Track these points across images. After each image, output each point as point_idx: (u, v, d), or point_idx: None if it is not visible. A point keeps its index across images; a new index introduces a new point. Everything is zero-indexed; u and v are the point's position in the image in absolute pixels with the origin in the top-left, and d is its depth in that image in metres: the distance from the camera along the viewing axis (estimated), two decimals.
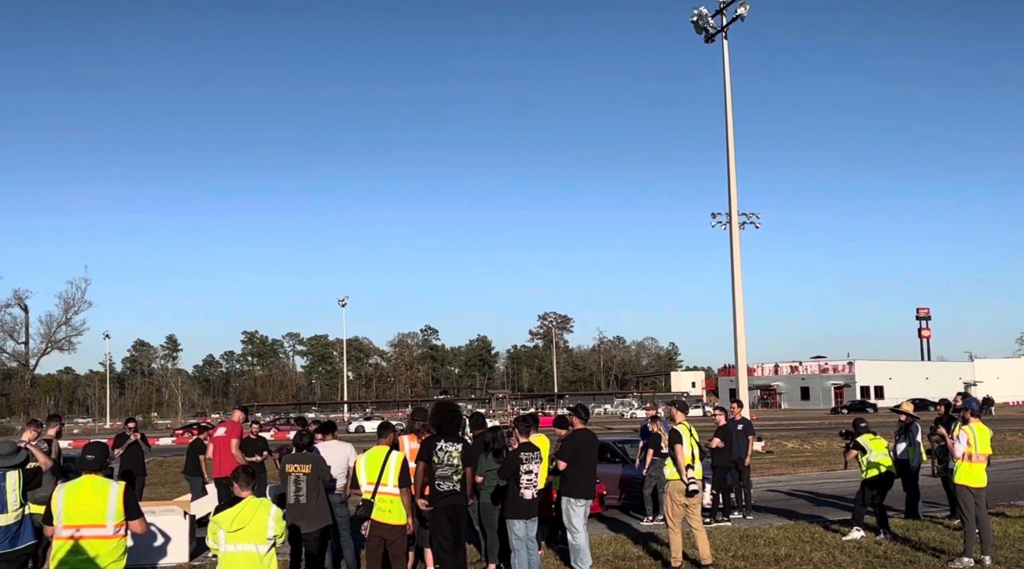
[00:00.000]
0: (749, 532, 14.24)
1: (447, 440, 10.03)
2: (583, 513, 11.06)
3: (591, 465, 11.17)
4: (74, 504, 7.32)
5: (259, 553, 7.52)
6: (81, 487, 7.41)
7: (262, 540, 7.53)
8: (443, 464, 9.87)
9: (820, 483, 23.02)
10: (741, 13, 37.54)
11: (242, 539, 7.51)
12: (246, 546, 7.51)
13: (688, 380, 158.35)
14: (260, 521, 7.56)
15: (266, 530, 7.55)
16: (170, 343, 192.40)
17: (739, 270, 38.76)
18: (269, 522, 7.58)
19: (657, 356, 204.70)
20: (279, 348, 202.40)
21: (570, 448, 11.00)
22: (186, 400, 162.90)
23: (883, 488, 14.05)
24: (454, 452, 9.95)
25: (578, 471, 11.02)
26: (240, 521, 7.54)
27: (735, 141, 38.95)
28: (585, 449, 11.08)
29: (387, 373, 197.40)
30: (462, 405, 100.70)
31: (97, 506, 7.33)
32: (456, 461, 9.93)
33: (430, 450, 9.96)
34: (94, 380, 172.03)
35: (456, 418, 10.34)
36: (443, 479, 9.86)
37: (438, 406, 10.69)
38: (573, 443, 11.06)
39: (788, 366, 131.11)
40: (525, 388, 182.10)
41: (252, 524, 7.53)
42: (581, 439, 11.18)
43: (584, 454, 11.04)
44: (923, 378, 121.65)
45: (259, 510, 7.62)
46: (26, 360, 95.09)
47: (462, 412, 10.86)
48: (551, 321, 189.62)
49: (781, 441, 38.51)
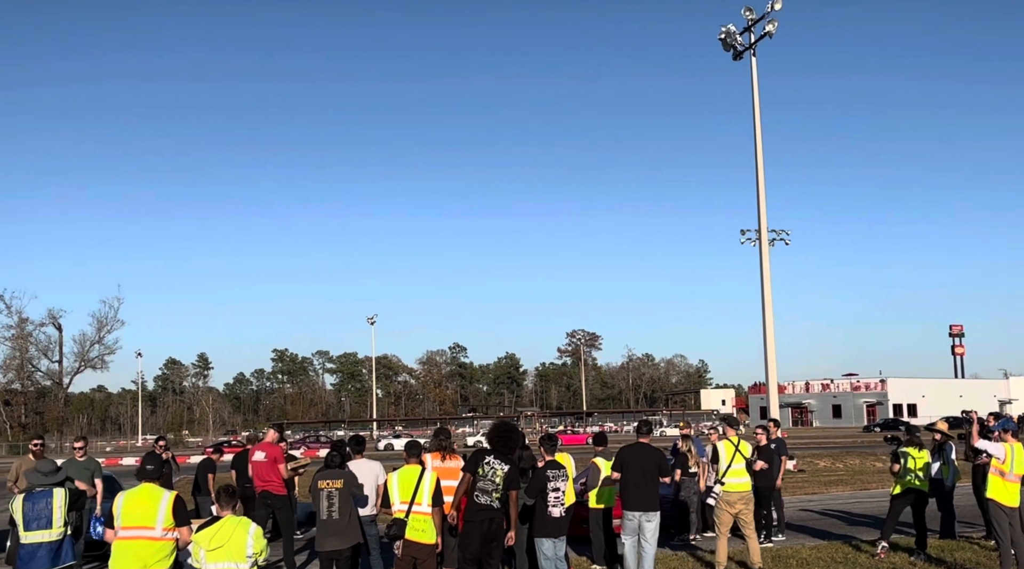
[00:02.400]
0: (781, 552, 14.11)
1: (497, 458, 10.01)
2: (632, 526, 11.31)
3: (645, 479, 11.35)
4: (130, 508, 7.96)
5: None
6: (138, 494, 8.08)
7: (242, 558, 7.75)
8: (486, 478, 9.85)
9: (853, 502, 22.75)
10: (769, 31, 37.45)
11: (221, 557, 7.72)
12: (225, 564, 7.71)
13: (718, 398, 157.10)
14: (239, 539, 7.78)
15: (245, 548, 7.76)
16: (201, 361, 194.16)
17: (769, 287, 38.56)
18: (248, 540, 7.79)
19: (686, 373, 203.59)
20: (309, 366, 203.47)
21: (619, 462, 11.43)
22: (217, 418, 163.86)
23: (916, 506, 13.85)
24: (499, 470, 9.89)
25: (627, 484, 11.34)
26: (219, 540, 7.76)
27: (764, 157, 38.80)
28: (636, 463, 11.39)
29: (416, 391, 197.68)
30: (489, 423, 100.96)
31: (149, 511, 7.94)
32: (499, 480, 9.86)
33: (477, 462, 9.97)
34: (126, 398, 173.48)
35: (509, 439, 10.26)
36: (482, 493, 9.83)
37: (495, 425, 10.74)
38: (625, 456, 11.43)
39: (819, 383, 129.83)
40: (553, 406, 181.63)
41: (231, 542, 7.75)
42: (634, 453, 11.49)
43: (635, 468, 11.35)
44: (957, 396, 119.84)
45: (238, 528, 7.85)
46: (60, 378, 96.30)
47: (519, 435, 10.80)
48: (579, 338, 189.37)
49: (813, 459, 38.13)
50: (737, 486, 12.41)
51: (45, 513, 8.85)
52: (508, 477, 9.91)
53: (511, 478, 9.95)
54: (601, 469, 13.21)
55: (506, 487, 9.89)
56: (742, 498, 12.42)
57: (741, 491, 12.43)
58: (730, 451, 12.55)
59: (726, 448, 12.62)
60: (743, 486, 12.48)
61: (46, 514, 8.84)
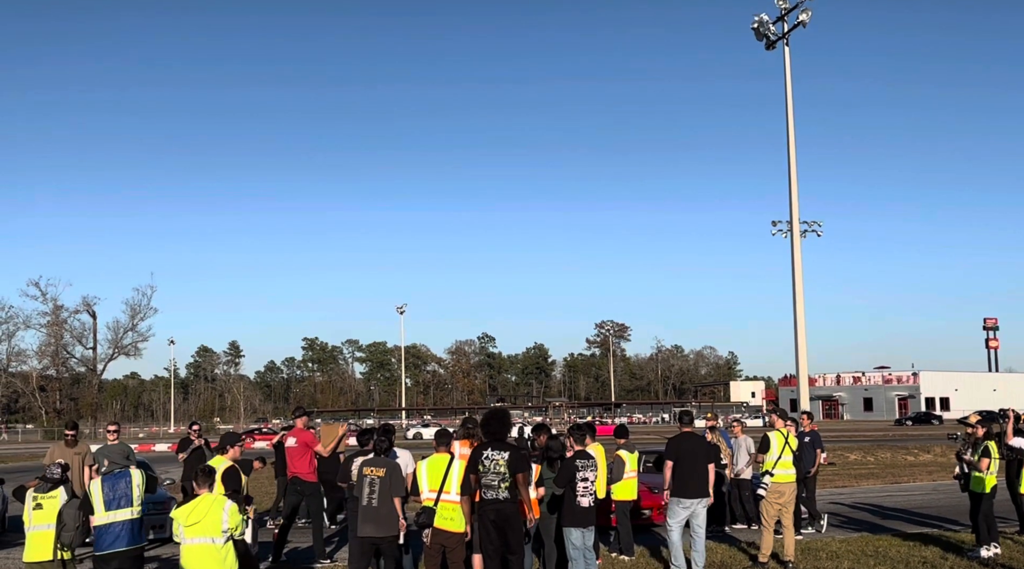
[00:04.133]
0: (811, 545, 14.05)
1: (494, 448, 9.75)
2: (684, 515, 11.56)
3: (698, 466, 11.66)
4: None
5: (215, 545, 8.32)
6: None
7: (217, 533, 8.32)
8: (489, 472, 9.62)
9: (884, 496, 22.60)
10: (803, 20, 37.09)
11: (198, 533, 8.30)
12: (202, 539, 8.30)
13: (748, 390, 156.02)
14: (214, 515, 8.33)
15: (220, 523, 8.33)
16: (233, 349, 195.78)
17: (800, 279, 38.27)
18: (223, 516, 8.36)
19: (716, 365, 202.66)
20: (339, 355, 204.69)
21: (675, 450, 11.64)
22: (248, 406, 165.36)
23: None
24: (500, 460, 9.63)
25: (682, 472, 11.55)
26: (195, 516, 8.33)
27: (796, 147, 38.48)
28: (690, 451, 11.68)
29: (444, 380, 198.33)
30: (517, 412, 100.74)
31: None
32: (503, 469, 9.59)
33: (476, 459, 9.78)
34: (159, 385, 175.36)
35: (494, 423, 9.98)
36: (488, 488, 9.61)
37: (485, 414, 10.65)
38: (678, 445, 11.68)
39: (851, 376, 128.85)
40: (582, 396, 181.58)
41: (207, 518, 8.31)
42: (686, 442, 11.76)
43: (689, 456, 11.63)
44: (990, 390, 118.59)
45: (214, 505, 8.41)
46: (94, 365, 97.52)
47: (507, 418, 10.64)
48: (608, 329, 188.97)
49: (844, 453, 37.87)
50: (786, 477, 12.56)
51: (126, 492, 9.08)
52: (511, 462, 9.60)
53: (514, 462, 9.62)
54: (626, 461, 13.22)
55: (512, 472, 9.58)
56: (791, 489, 12.56)
57: (790, 482, 12.57)
58: (780, 442, 12.56)
59: (777, 439, 12.64)
60: (791, 477, 12.63)
61: (127, 494, 9.08)
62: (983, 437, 13.36)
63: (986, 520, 13.04)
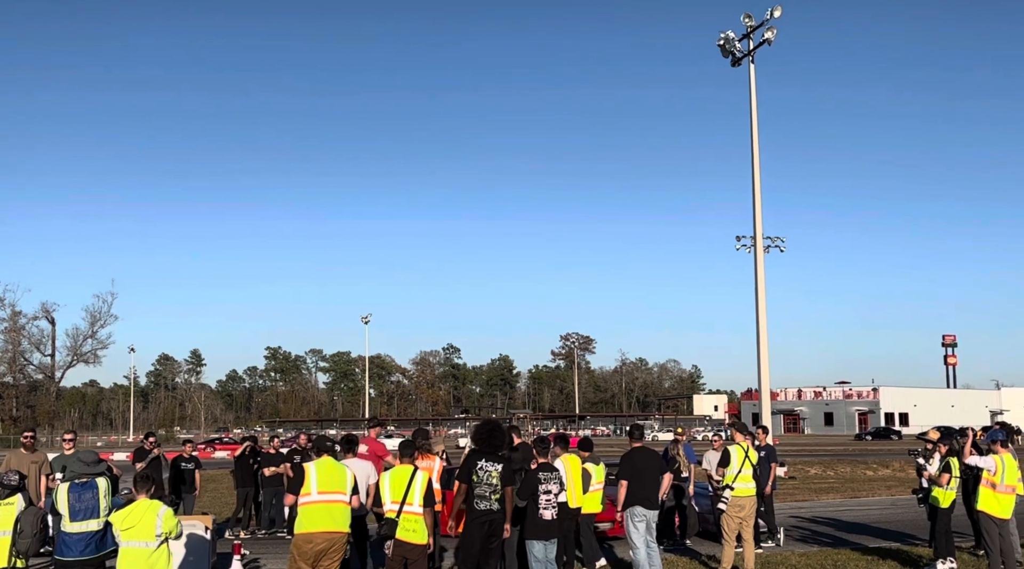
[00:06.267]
0: (771, 559, 14.15)
1: (487, 459, 9.99)
2: (643, 527, 11.55)
3: (652, 479, 11.79)
4: (324, 476, 9.45)
5: (148, 549, 8.54)
6: (325, 465, 9.56)
7: (151, 537, 8.54)
8: (482, 483, 9.84)
9: (843, 510, 22.80)
10: (768, 37, 37.40)
11: (132, 536, 8.54)
12: (136, 543, 8.53)
13: (710, 403, 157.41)
14: (148, 521, 8.57)
15: (154, 528, 8.55)
16: (194, 357, 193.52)
17: (763, 294, 38.58)
18: (157, 521, 8.58)
19: (680, 379, 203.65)
20: (302, 364, 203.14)
21: (629, 466, 11.71)
22: (209, 415, 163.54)
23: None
24: (494, 472, 9.90)
25: (635, 486, 11.64)
26: (130, 521, 8.56)
27: (760, 163, 38.86)
28: (642, 465, 11.79)
29: (409, 391, 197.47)
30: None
31: (341, 479, 9.61)
32: (495, 481, 9.87)
33: (470, 470, 9.95)
34: (118, 393, 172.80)
35: (492, 437, 10.28)
36: (480, 498, 9.83)
37: (478, 426, 10.78)
38: (632, 461, 11.76)
39: (812, 391, 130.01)
40: (546, 409, 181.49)
41: (141, 523, 8.55)
42: (638, 456, 11.86)
43: (641, 470, 11.73)
44: (948, 406, 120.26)
45: (148, 511, 8.65)
46: (52, 372, 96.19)
47: (504, 431, 10.81)
48: (573, 342, 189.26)
49: (804, 467, 38.20)
50: (747, 491, 12.64)
51: (92, 503, 9.14)
52: (503, 475, 9.96)
53: (506, 475, 9.98)
54: (592, 474, 13.25)
55: (504, 485, 9.92)
56: (751, 502, 12.63)
57: (750, 496, 12.65)
58: (740, 456, 12.62)
59: (737, 453, 12.69)
60: (751, 491, 12.73)
61: (93, 505, 9.15)
62: (946, 453, 13.57)
63: (943, 535, 13.21)
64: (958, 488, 13.64)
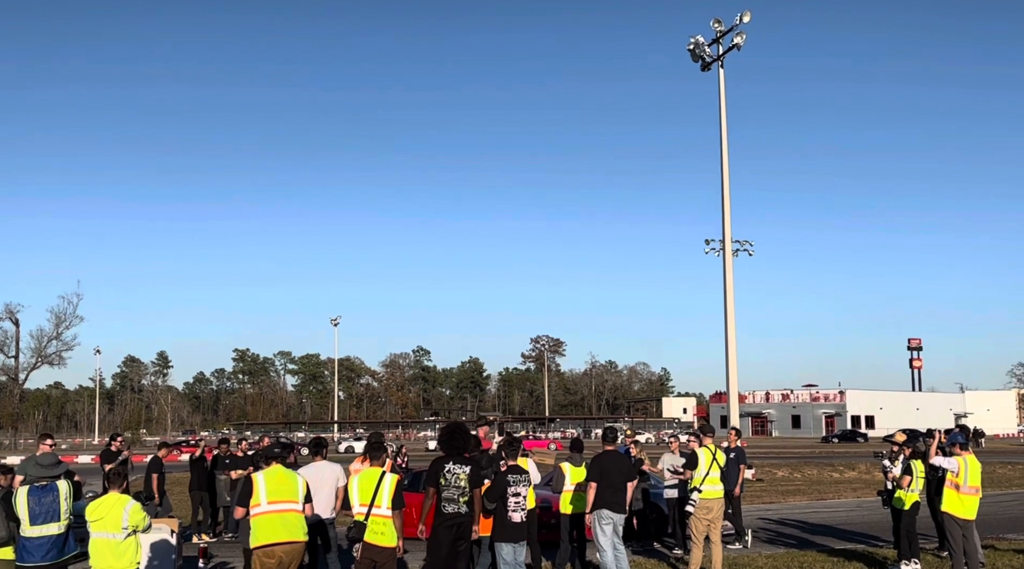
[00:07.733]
0: (738, 560, 14.23)
1: (455, 462, 10.00)
2: (609, 530, 11.53)
3: (617, 482, 11.76)
4: (273, 485, 9.24)
5: (115, 540, 8.80)
6: (275, 474, 9.35)
7: (117, 529, 8.79)
8: (450, 486, 9.86)
9: (810, 512, 22.99)
10: (738, 43, 37.61)
11: (100, 528, 8.79)
12: (103, 534, 8.79)
13: (679, 406, 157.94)
14: (115, 514, 8.81)
15: (121, 521, 8.79)
16: (161, 360, 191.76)
17: (732, 298, 38.81)
18: (124, 514, 8.82)
19: (649, 381, 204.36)
20: (270, 366, 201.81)
21: (597, 468, 11.68)
22: (175, 417, 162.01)
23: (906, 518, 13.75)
24: (461, 474, 9.93)
25: (603, 489, 11.62)
26: (98, 513, 8.82)
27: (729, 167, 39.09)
28: (611, 468, 11.74)
29: (378, 393, 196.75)
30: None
31: (292, 487, 9.35)
32: (463, 483, 9.89)
33: (437, 473, 9.94)
34: (83, 396, 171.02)
35: (454, 439, 10.28)
36: (449, 501, 9.84)
37: (442, 430, 10.78)
38: (601, 464, 11.72)
39: (779, 394, 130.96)
40: (516, 411, 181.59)
41: (109, 516, 8.79)
42: (608, 459, 11.81)
43: (610, 473, 11.70)
44: (914, 409, 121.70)
45: (116, 504, 8.89)
46: (16, 374, 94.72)
47: (468, 432, 10.82)
48: (544, 344, 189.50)
49: (772, 469, 38.46)
50: (714, 493, 12.66)
51: (52, 507, 9.09)
52: (471, 477, 9.98)
53: (474, 477, 10.01)
54: (566, 473, 13.21)
55: (471, 487, 9.94)
56: (719, 505, 12.66)
57: (718, 498, 12.67)
58: (708, 458, 12.68)
59: (705, 455, 12.74)
60: (719, 493, 12.76)
61: (54, 508, 9.10)
62: (910, 456, 13.72)
63: (908, 536, 13.35)
64: (923, 490, 13.80)
